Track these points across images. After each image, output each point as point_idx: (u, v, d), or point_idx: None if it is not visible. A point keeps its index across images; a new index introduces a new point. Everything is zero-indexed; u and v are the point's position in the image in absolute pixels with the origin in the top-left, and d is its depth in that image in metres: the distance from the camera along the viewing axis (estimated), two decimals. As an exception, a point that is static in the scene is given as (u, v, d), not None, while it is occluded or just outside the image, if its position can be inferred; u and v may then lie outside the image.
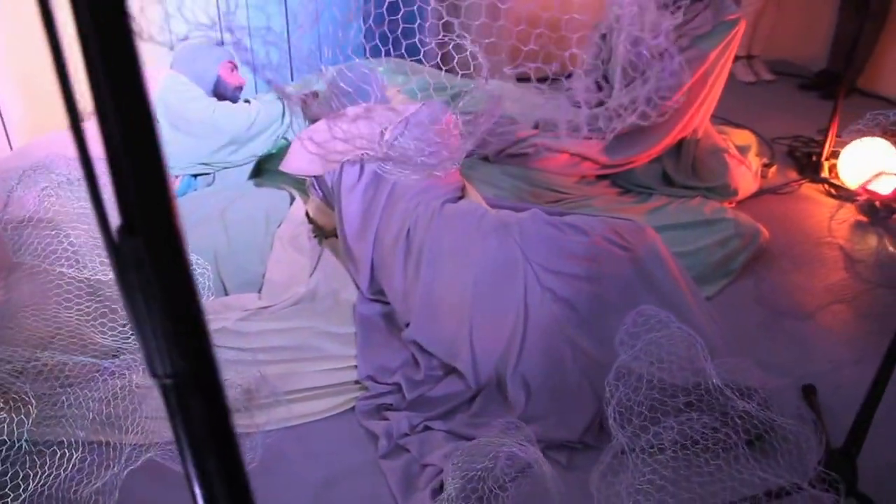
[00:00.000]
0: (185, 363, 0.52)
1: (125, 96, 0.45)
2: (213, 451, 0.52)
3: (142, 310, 0.49)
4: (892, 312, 2.19)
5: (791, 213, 2.79)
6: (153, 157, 0.46)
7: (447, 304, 1.94)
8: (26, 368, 1.39)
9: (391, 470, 1.69)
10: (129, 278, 0.48)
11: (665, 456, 1.28)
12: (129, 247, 0.46)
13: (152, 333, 0.50)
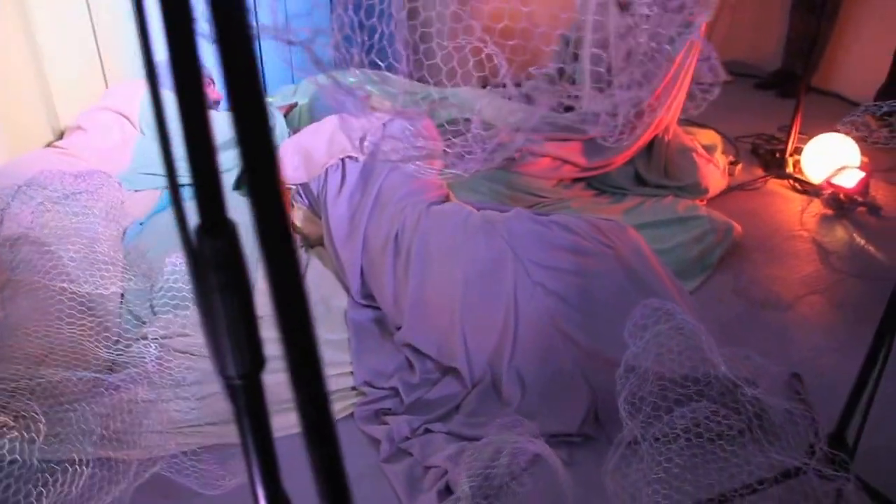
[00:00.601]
0: (257, 364, 0.53)
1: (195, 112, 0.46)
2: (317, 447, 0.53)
3: (218, 311, 0.50)
4: (866, 301, 2.27)
5: (760, 208, 2.87)
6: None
7: (438, 304, 1.96)
8: (30, 386, 1.36)
9: (395, 473, 1.70)
10: (206, 279, 0.49)
11: (678, 445, 1.31)
12: (208, 248, 0.47)
13: (227, 334, 0.51)
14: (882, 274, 2.43)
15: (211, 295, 0.49)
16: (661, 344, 1.26)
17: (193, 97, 0.44)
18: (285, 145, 2.26)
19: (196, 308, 0.53)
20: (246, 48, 0.37)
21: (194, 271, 0.49)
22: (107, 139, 2.29)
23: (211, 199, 0.47)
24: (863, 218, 2.76)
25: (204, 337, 0.53)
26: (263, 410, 0.57)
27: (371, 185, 2.15)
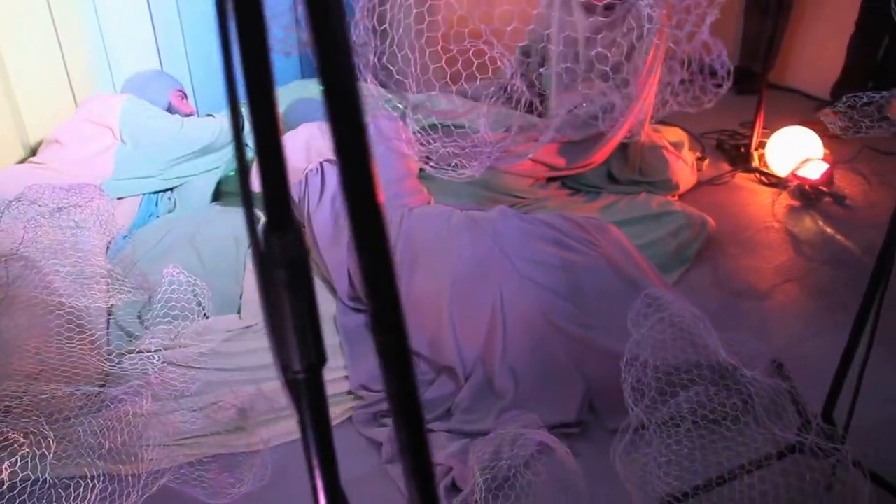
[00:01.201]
0: (320, 359, 0.55)
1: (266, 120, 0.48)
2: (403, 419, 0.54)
3: (283, 307, 0.52)
4: (839, 287, 2.36)
5: (729, 202, 2.95)
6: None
7: (427, 303, 1.98)
8: (34, 402, 1.35)
9: (399, 475, 1.72)
10: (274, 276, 0.51)
11: (684, 427, 1.36)
12: (276, 246, 0.50)
13: (293, 329, 0.53)
14: (852, 260, 2.52)
15: (277, 291, 0.51)
16: (662, 331, 1.31)
17: (265, 107, 0.46)
18: (265, 155, 2.27)
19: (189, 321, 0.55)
20: (344, 53, 0.39)
21: (261, 268, 0.51)
22: (85, 150, 2.28)
23: (278, 199, 0.49)
24: (829, 208, 2.86)
25: (267, 331, 0.55)
26: (324, 405, 0.59)
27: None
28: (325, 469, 0.63)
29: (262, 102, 0.46)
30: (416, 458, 0.51)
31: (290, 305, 0.51)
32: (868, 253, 2.55)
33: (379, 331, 0.47)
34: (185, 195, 2.52)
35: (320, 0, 0.38)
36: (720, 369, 1.43)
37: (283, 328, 0.52)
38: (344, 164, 0.42)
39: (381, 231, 0.44)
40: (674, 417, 1.37)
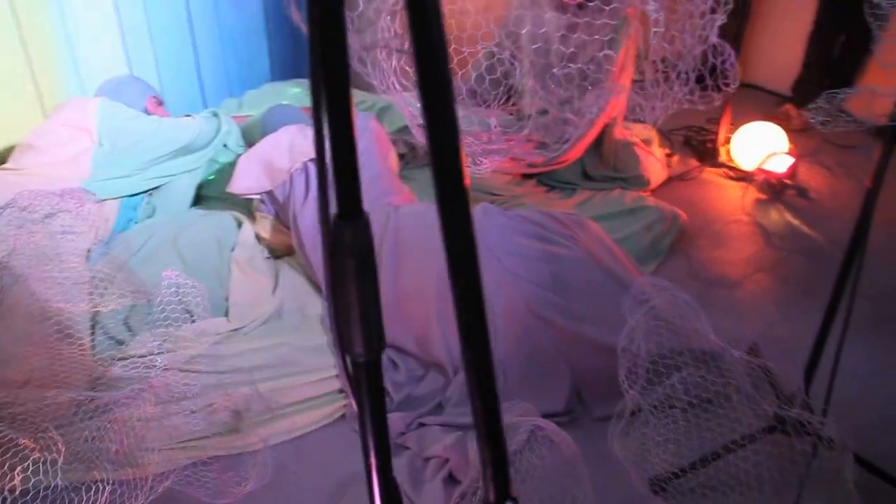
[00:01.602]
0: (381, 345, 0.59)
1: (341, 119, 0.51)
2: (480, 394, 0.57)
3: (350, 294, 0.56)
4: (807, 275, 2.46)
5: (699, 196, 3.05)
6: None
7: (414, 300, 2.01)
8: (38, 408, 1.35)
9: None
10: (343, 264, 0.54)
11: (679, 407, 1.42)
12: (346, 236, 0.53)
13: (358, 315, 0.57)
14: (817, 249, 2.63)
15: (345, 279, 0.55)
16: (656, 316, 1.36)
17: (340, 106, 0.50)
18: (245, 157, 2.28)
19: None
20: (441, 48, 0.43)
21: (331, 257, 0.54)
22: (62, 153, 2.26)
23: (350, 193, 0.53)
24: (793, 200, 2.97)
25: (331, 317, 0.58)
26: (381, 388, 0.63)
27: (336, 190, 2.20)
28: (379, 448, 0.67)
29: (338, 104, 0.50)
30: (491, 427, 0.54)
31: (357, 292, 0.55)
32: (832, 242, 2.67)
33: (463, 309, 0.51)
34: (164, 199, 2.50)
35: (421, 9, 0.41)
36: (709, 352, 1.50)
37: (349, 314, 0.56)
38: (436, 153, 0.46)
39: (467, 215, 0.48)
40: (668, 398, 1.44)
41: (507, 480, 0.57)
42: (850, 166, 3.21)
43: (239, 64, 3.37)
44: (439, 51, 0.43)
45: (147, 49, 3.07)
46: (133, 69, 3.03)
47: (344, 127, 0.50)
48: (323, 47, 0.48)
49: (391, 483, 0.69)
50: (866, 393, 1.96)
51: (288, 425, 1.85)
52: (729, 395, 1.46)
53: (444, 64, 0.43)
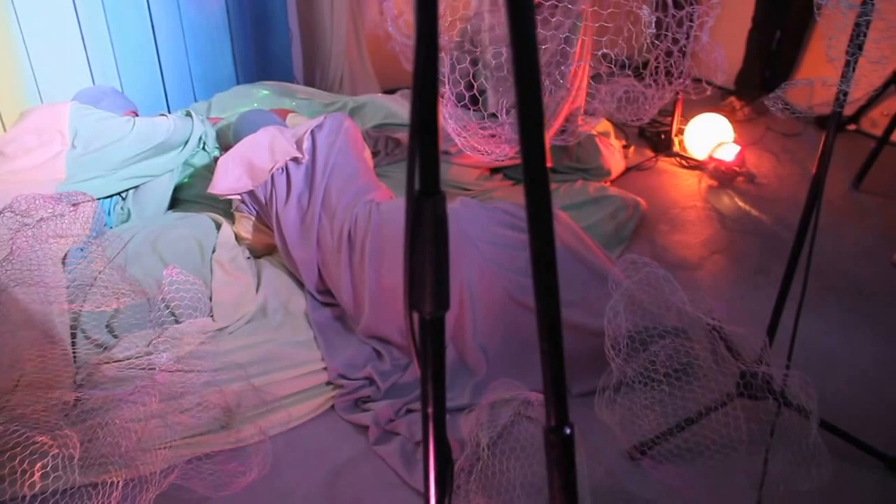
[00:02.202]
0: (446, 305, 0.67)
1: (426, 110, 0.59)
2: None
3: (426, 258, 0.63)
4: (759, 254, 2.63)
5: (656, 185, 3.19)
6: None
7: (397, 291, 2.08)
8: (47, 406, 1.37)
9: (388, 453, 1.82)
10: (422, 233, 0.62)
11: (655, 379, 1.53)
12: (427, 209, 0.61)
13: (431, 277, 0.64)
14: (766, 230, 2.80)
15: (423, 246, 0.62)
16: (639, 289, 1.47)
17: (427, 96, 0.57)
18: (225, 158, 2.31)
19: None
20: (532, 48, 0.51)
21: (412, 227, 0.62)
22: (33, 158, 2.24)
23: (431, 172, 0.60)
24: (742, 186, 3.14)
25: (406, 280, 0.65)
26: (443, 345, 0.70)
27: (317, 188, 2.25)
28: (437, 402, 0.75)
29: (425, 89, 0.57)
30: (554, 365, 0.63)
31: (433, 258, 0.62)
32: (779, 223, 2.85)
33: (537, 265, 0.59)
34: (139, 203, 2.51)
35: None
36: (680, 327, 1.61)
37: (423, 276, 0.64)
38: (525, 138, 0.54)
39: (546, 190, 0.56)
40: (647, 369, 1.55)
41: (566, 409, 0.65)
42: (793, 152, 3.41)
43: (202, 68, 3.37)
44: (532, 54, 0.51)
45: (108, 54, 3.06)
46: (94, 74, 3.01)
47: (430, 119, 0.57)
48: (420, 53, 0.55)
49: (444, 432, 0.76)
50: (820, 358, 2.12)
51: (280, 418, 1.90)
52: (700, 364, 1.57)
53: (536, 67, 0.51)
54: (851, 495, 1.70)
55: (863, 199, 3.05)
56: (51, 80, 2.88)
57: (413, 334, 0.69)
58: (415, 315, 0.67)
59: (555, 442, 0.67)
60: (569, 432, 0.67)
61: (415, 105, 0.57)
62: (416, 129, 0.58)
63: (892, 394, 2.01)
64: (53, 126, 2.28)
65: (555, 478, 0.68)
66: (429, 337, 0.68)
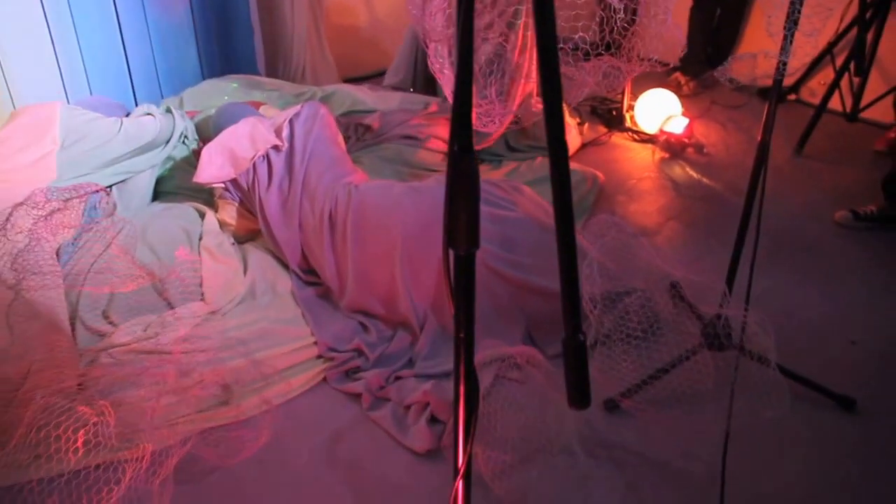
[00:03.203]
0: (476, 244, 0.79)
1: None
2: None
3: (461, 205, 0.75)
4: (710, 218, 2.84)
5: (611, 158, 3.36)
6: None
7: (379, 266, 2.20)
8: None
9: (381, 418, 1.93)
10: (459, 183, 0.74)
11: (632, 329, 1.70)
12: (463, 163, 0.73)
13: (465, 220, 0.76)
14: (716, 196, 3.00)
15: (459, 194, 0.74)
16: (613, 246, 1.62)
17: (465, 77, 0.69)
18: (208, 149, 2.38)
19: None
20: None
21: (451, 178, 0.74)
22: (24, 158, 2.28)
23: (466, 133, 0.72)
24: (692, 156, 3.33)
25: (444, 223, 0.77)
26: (473, 283, 0.82)
27: (296, 173, 2.35)
28: (469, 328, 0.87)
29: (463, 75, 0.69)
30: (569, 287, 0.75)
31: (467, 204, 0.75)
32: (729, 188, 3.04)
33: (560, 231, 0.72)
34: (125, 196, 2.56)
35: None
36: (649, 283, 1.77)
37: (458, 220, 0.76)
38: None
39: (565, 164, 0.68)
40: (626, 315, 1.70)
41: (580, 321, 0.78)
42: (738, 122, 3.63)
43: (167, 64, 3.42)
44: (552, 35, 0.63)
45: (76, 53, 3.08)
46: (63, 73, 3.03)
47: (466, 91, 0.69)
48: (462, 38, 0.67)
49: (473, 356, 0.88)
50: (774, 310, 2.31)
51: (279, 390, 2.00)
52: (665, 319, 1.74)
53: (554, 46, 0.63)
54: (807, 430, 1.88)
55: (805, 164, 3.28)
56: (20, 79, 2.89)
57: (448, 269, 0.81)
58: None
59: (570, 347, 0.80)
60: (582, 339, 0.80)
61: (458, 82, 0.69)
62: (458, 99, 0.70)
63: (839, 340, 2.22)
64: (44, 126, 2.33)
65: (571, 378, 0.80)
66: (462, 271, 0.80)
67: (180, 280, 1.87)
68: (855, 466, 1.78)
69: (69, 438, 1.25)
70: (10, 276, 1.66)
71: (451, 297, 0.83)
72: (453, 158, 0.73)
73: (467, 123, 0.72)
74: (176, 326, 2.10)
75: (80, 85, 3.12)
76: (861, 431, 1.88)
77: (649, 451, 1.81)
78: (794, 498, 1.69)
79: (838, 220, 2.81)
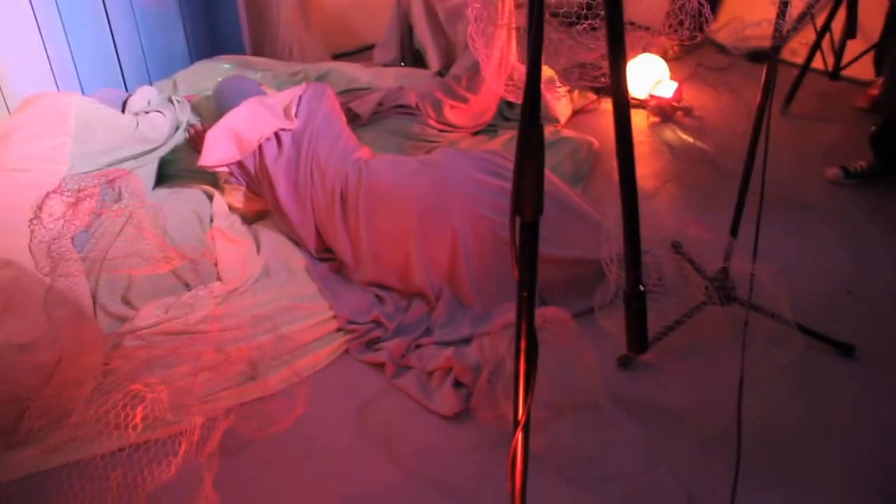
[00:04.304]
0: (541, 210, 0.85)
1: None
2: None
3: (529, 174, 0.81)
4: (706, 180, 2.92)
5: (602, 124, 3.42)
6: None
7: (393, 240, 2.25)
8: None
9: (406, 385, 2.00)
10: (528, 154, 0.80)
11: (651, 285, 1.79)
12: (531, 134, 0.79)
13: (532, 187, 0.82)
14: (708, 158, 3.08)
15: (527, 164, 0.80)
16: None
17: (535, 58, 0.74)
18: (212, 132, 2.40)
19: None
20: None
21: (521, 149, 0.80)
22: (36, 147, 2.28)
23: (534, 109, 0.78)
24: (682, 119, 3.41)
25: (513, 192, 0.83)
26: (537, 247, 0.88)
27: (305, 152, 2.38)
28: (531, 289, 0.93)
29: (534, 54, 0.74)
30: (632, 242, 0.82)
31: (534, 173, 0.81)
32: (720, 149, 3.13)
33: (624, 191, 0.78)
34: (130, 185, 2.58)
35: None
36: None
37: (525, 188, 0.82)
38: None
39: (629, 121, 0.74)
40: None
41: (640, 273, 0.85)
42: (726, 84, 3.72)
43: (154, 46, 3.41)
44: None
45: (62, 38, 3.06)
46: (51, 59, 3.01)
47: (535, 72, 0.75)
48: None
49: (534, 315, 0.94)
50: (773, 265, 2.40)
51: (305, 364, 2.06)
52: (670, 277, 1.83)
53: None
54: (810, 376, 1.99)
55: (792, 122, 3.36)
56: (7, 64, 2.87)
57: (514, 234, 0.87)
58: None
59: (633, 297, 0.87)
60: (642, 290, 0.87)
61: (529, 64, 0.74)
62: (529, 79, 0.75)
63: (834, 291, 2.32)
64: (59, 116, 2.33)
65: (632, 326, 0.88)
66: (528, 236, 0.86)
67: (211, 261, 1.90)
68: (853, 409, 1.89)
69: (128, 415, 1.31)
70: (46, 264, 1.70)
71: (515, 260, 0.89)
72: (523, 132, 0.79)
73: (536, 100, 0.78)
74: (196, 307, 2.14)
75: (68, 72, 3.10)
76: (860, 376, 1.99)
77: (665, 404, 1.90)
78: (801, 439, 1.80)
79: (830, 177, 2.90)
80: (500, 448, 1.78)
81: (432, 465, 1.76)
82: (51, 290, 1.69)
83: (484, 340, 1.94)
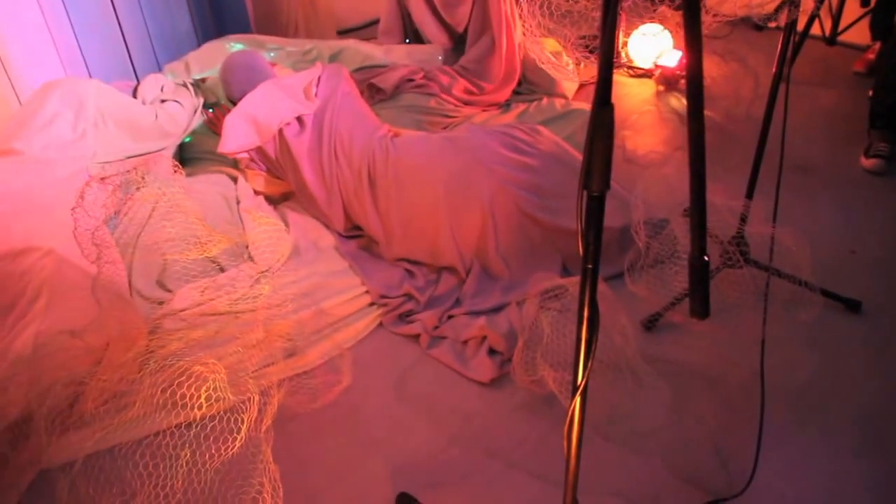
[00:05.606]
0: (608, 186, 0.92)
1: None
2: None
3: (599, 151, 0.88)
4: (713, 147, 2.93)
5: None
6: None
7: (422, 216, 2.32)
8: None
9: (442, 354, 2.08)
10: (599, 132, 0.87)
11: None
12: (604, 114, 0.86)
13: (600, 162, 0.89)
14: (716, 126, 3.15)
15: (598, 142, 0.88)
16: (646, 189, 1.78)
17: (608, 43, 0.81)
18: (230, 118, 2.45)
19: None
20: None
21: (593, 126, 0.87)
22: (60, 133, 2.31)
23: (606, 90, 0.85)
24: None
25: (583, 167, 0.91)
26: (602, 218, 0.95)
27: (326, 132, 2.44)
28: (595, 260, 1.00)
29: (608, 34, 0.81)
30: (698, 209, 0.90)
31: (605, 150, 0.88)
32: (727, 116, 3.19)
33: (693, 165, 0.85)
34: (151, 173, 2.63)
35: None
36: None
37: (594, 163, 0.89)
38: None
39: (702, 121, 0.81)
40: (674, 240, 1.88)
41: (705, 244, 0.93)
42: (730, 52, 3.78)
43: (160, 28, 3.42)
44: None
45: (66, 25, 3.08)
46: (57, 46, 3.03)
47: (608, 54, 0.82)
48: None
49: (596, 286, 1.02)
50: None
51: (344, 336, 2.13)
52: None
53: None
54: (821, 331, 2.08)
55: (793, 87, 3.42)
56: (13, 54, 2.88)
57: (581, 208, 0.94)
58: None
59: (697, 266, 0.94)
60: (706, 260, 0.94)
61: (602, 47, 0.81)
62: (602, 61, 0.82)
63: (839, 250, 2.41)
64: (81, 102, 2.36)
65: (697, 292, 0.95)
66: (594, 208, 0.93)
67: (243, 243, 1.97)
68: (863, 360, 1.99)
69: (193, 395, 1.38)
70: (93, 252, 1.76)
71: (582, 232, 0.96)
72: (595, 110, 0.86)
73: (608, 81, 0.85)
74: (232, 288, 2.21)
75: (75, 57, 3.12)
76: (866, 329, 2.09)
77: (690, 361, 2.00)
78: (817, 390, 1.89)
79: (870, 167, 2.85)
80: (537, 410, 1.87)
81: (474, 430, 1.85)
82: (98, 276, 1.75)
83: (517, 308, 2.02)
